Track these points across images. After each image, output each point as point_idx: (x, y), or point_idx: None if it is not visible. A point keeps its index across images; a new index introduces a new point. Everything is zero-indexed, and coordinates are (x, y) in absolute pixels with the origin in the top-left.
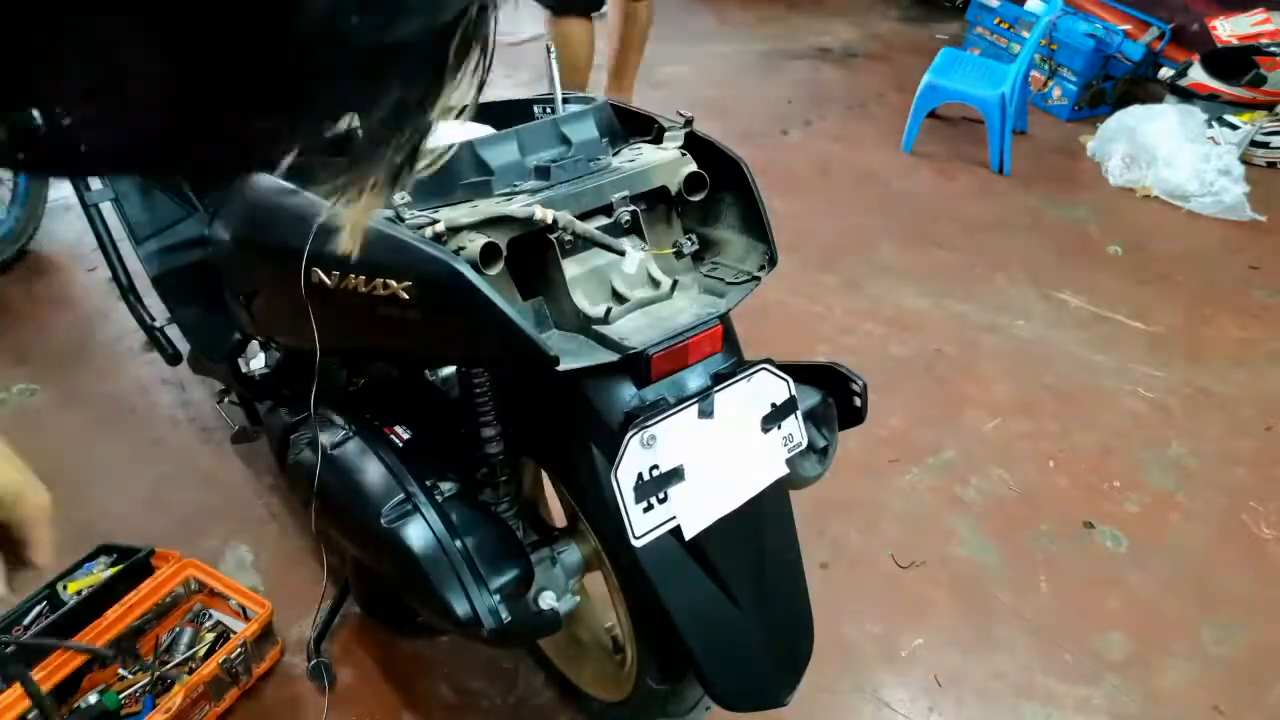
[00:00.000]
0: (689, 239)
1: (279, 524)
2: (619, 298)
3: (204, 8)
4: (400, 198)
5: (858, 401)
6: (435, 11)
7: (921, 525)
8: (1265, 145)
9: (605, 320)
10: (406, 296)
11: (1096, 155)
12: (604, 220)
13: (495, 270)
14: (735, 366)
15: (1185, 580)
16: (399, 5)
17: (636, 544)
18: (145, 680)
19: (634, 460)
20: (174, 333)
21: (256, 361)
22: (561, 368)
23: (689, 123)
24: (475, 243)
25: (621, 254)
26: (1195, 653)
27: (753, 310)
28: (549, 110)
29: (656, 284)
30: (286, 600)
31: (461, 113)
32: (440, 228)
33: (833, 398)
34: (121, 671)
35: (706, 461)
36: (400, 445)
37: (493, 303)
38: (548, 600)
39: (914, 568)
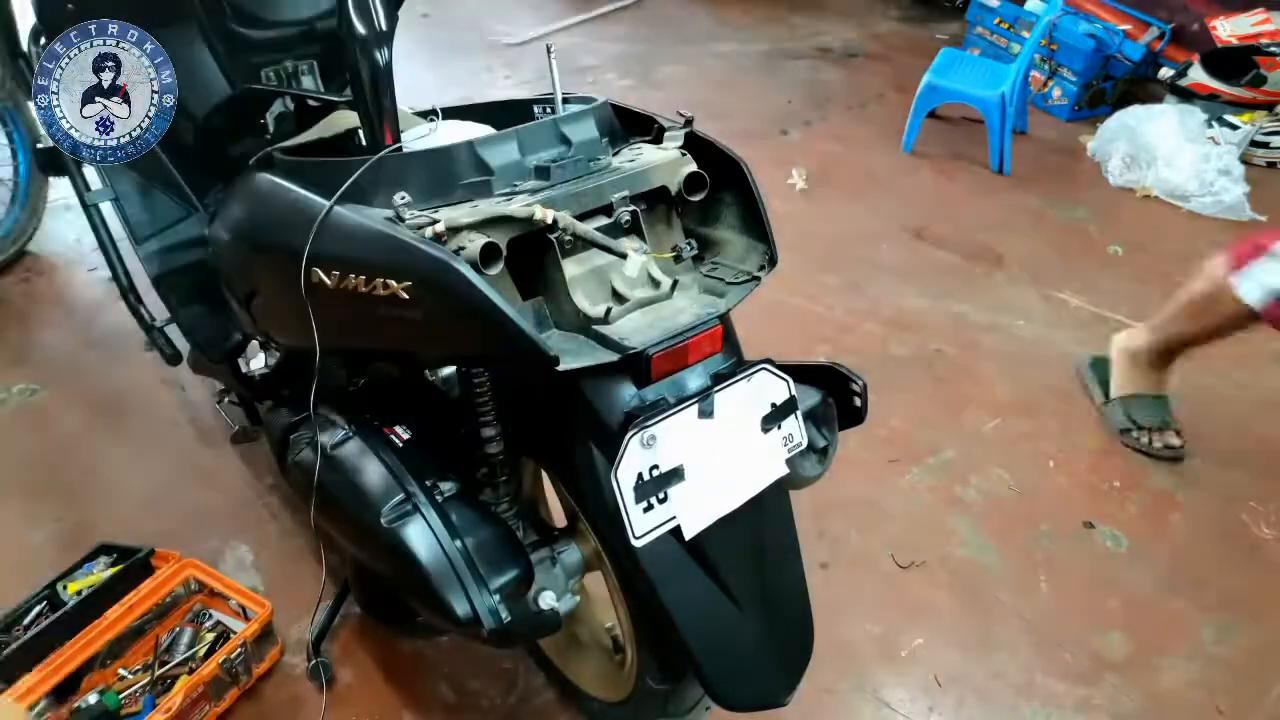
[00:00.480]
0: (689, 244)
1: (279, 524)
2: (619, 298)
3: None
4: (400, 198)
5: (858, 401)
6: None
7: (921, 525)
8: (1265, 145)
9: (605, 320)
10: (406, 296)
11: (1096, 155)
12: (604, 220)
13: (495, 270)
14: (735, 366)
15: (1185, 580)
16: None
17: (636, 544)
18: (145, 680)
19: (634, 460)
20: (174, 333)
21: (256, 361)
22: (561, 368)
23: (689, 122)
24: (475, 243)
25: (623, 257)
26: (1195, 653)
27: (753, 310)
28: (549, 110)
29: (656, 284)
30: (286, 600)
31: None
32: (440, 228)
33: (833, 398)
34: (121, 671)
35: (706, 461)
36: (400, 445)
37: (493, 303)
38: (548, 600)
39: (914, 568)
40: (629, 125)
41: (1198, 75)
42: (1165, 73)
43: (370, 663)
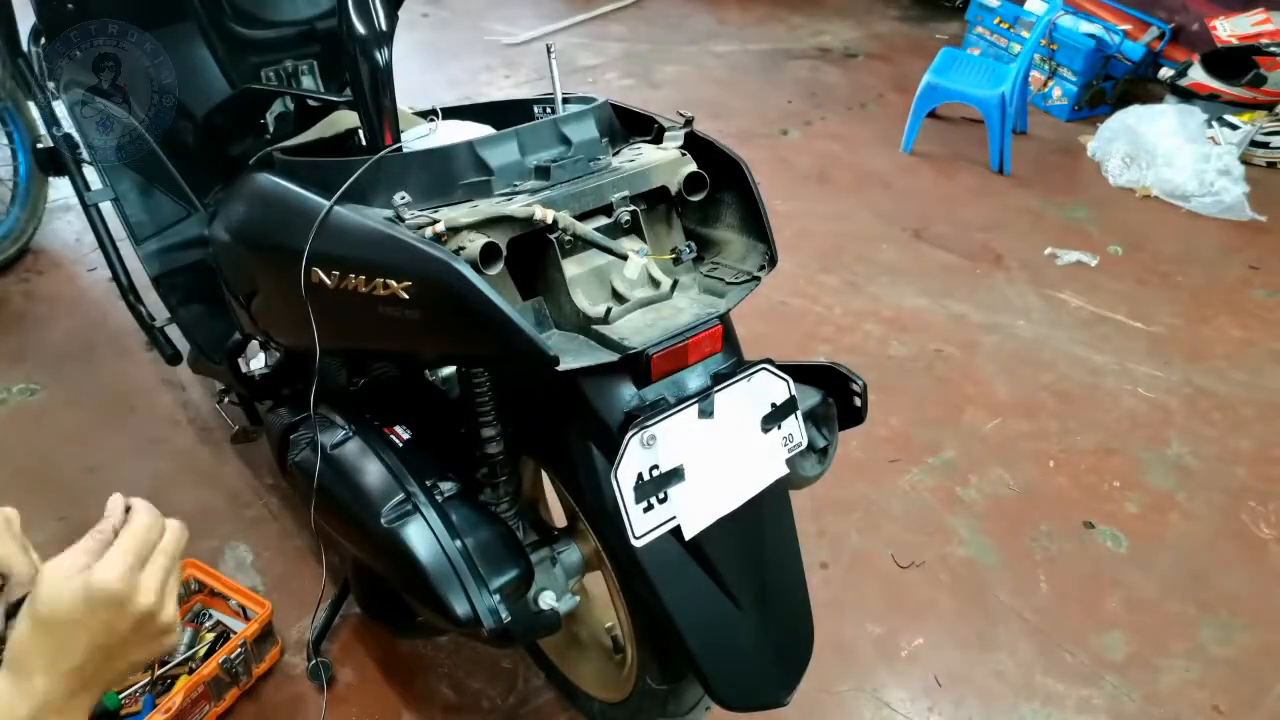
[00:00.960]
0: (688, 246)
1: (279, 524)
2: (619, 297)
3: None
4: (400, 197)
5: (858, 401)
6: None
7: (921, 525)
8: (1265, 145)
9: (605, 320)
10: (406, 296)
11: (1096, 155)
12: (604, 220)
13: (495, 270)
14: (735, 366)
15: (1185, 580)
16: None
17: (636, 544)
18: (145, 680)
19: (634, 460)
20: (174, 333)
21: (256, 361)
22: (561, 368)
23: (689, 122)
24: (475, 243)
25: (624, 258)
26: (1195, 653)
27: (752, 310)
28: (549, 110)
29: (657, 284)
30: (286, 600)
31: None
32: (440, 228)
33: (833, 398)
34: None
35: (706, 461)
36: (400, 445)
37: (493, 303)
38: (548, 600)
39: (914, 568)
40: (629, 125)
41: (1198, 75)
42: (1165, 73)
43: (370, 663)
